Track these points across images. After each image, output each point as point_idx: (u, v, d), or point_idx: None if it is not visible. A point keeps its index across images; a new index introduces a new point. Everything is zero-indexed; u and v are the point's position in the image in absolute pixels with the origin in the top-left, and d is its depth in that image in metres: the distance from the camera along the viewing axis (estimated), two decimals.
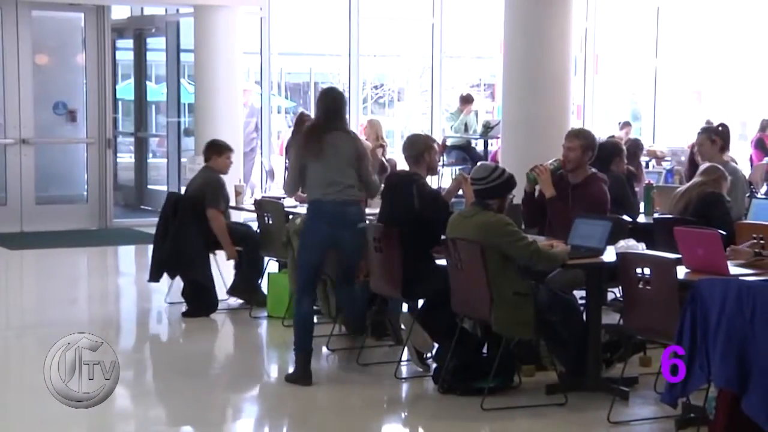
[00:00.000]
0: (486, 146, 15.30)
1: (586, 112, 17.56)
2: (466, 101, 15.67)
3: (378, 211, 7.37)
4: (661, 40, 18.19)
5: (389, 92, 23.02)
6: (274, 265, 9.24)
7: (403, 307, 7.57)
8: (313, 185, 6.89)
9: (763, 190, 11.78)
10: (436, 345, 6.84)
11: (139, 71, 16.58)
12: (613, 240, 6.60)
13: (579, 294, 7.11)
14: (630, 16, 18.84)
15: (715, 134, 8.61)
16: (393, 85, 22.98)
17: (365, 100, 20.14)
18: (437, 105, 16.68)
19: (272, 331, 8.49)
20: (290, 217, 8.48)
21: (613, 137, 11.77)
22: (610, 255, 6.45)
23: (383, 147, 12.32)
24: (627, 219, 7.79)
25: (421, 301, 7.13)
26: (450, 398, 6.48)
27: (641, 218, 8.32)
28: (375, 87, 22.42)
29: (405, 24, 18.38)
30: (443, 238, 6.58)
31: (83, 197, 14.49)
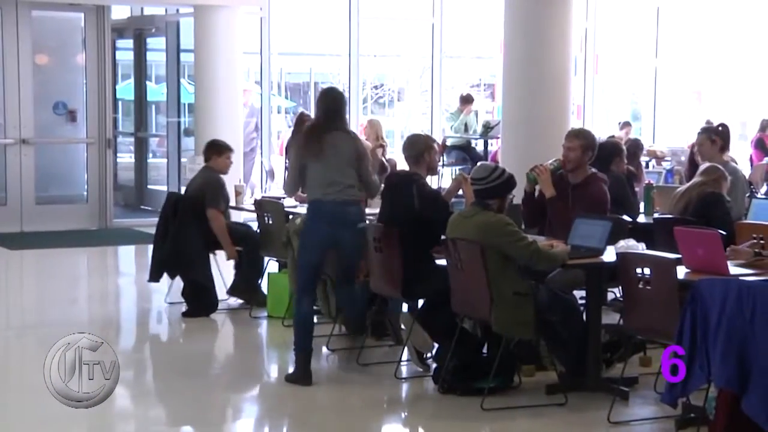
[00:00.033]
0: (486, 146, 15.30)
1: (586, 112, 17.56)
2: (466, 101, 15.67)
3: (378, 211, 7.37)
4: (661, 40, 18.19)
5: (389, 92, 23.03)
6: (274, 265, 9.25)
7: (403, 307, 7.57)
8: (313, 185, 6.89)
9: (763, 190, 11.78)
10: (436, 345, 6.84)
11: (139, 71, 16.58)
12: (613, 240, 6.60)
13: (579, 294, 7.11)
14: (630, 16, 18.84)
15: (715, 134, 8.61)
16: (393, 85, 22.99)
17: (365, 100, 20.14)
18: (437, 105, 16.68)
19: (272, 331, 8.49)
20: (290, 217, 8.48)
21: (613, 137, 11.77)
22: (610, 255, 6.45)
23: (383, 147, 12.32)
24: (627, 219, 7.79)
25: (421, 301, 7.13)
26: (450, 398, 6.48)
27: (641, 218, 8.32)
28: (375, 87, 22.42)
29: (405, 24, 18.38)
30: (443, 238, 6.58)
31: (83, 197, 14.49)
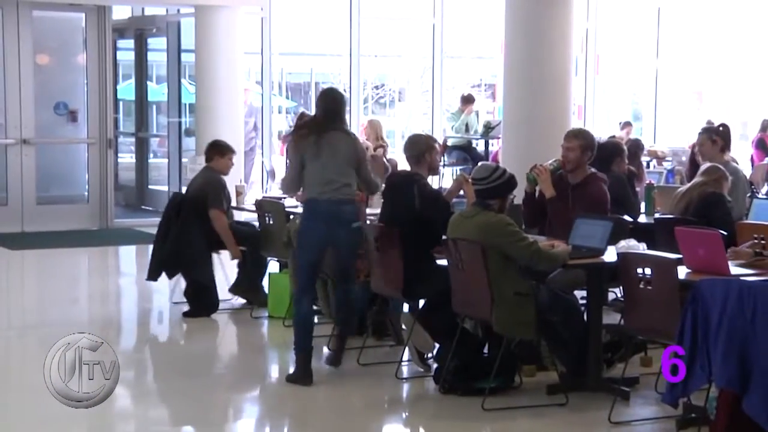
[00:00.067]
0: (487, 146, 15.29)
1: (587, 113, 17.56)
2: (467, 101, 15.67)
3: (379, 211, 7.37)
4: (662, 41, 18.18)
5: (390, 92, 23.03)
6: (274, 266, 9.24)
7: (404, 308, 7.57)
8: (310, 184, 6.90)
9: (764, 190, 11.77)
10: (437, 345, 6.84)
11: (140, 71, 16.58)
12: (614, 240, 6.60)
13: (580, 294, 7.11)
14: (631, 17, 18.84)
15: (715, 134, 8.61)
16: (394, 85, 22.99)
17: (366, 101, 20.14)
18: (438, 105, 16.67)
19: (273, 331, 8.49)
20: (291, 217, 8.48)
21: (614, 137, 11.76)
22: (610, 255, 6.45)
23: (383, 147, 12.32)
24: (628, 219, 7.78)
25: (422, 302, 7.13)
26: (451, 398, 6.48)
27: (642, 218, 8.31)
28: (376, 87, 22.42)
29: (406, 24, 18.38)
30: (444, 238, 6.58)
31: (84, 197, 14.50)
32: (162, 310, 9.56)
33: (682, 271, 5.88)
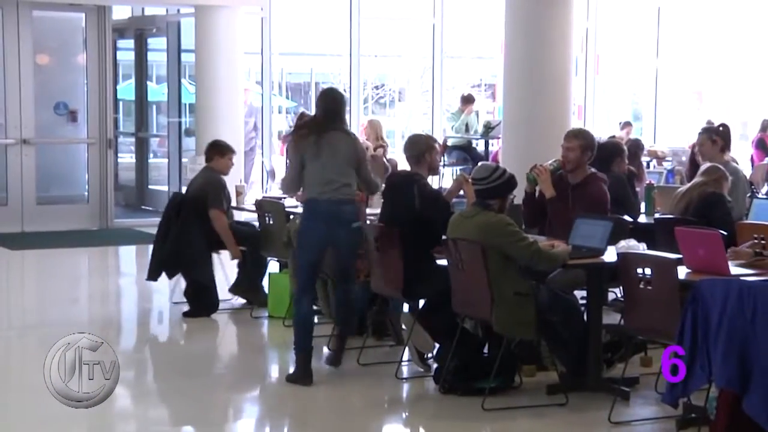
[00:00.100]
0: (487, 146, 15.29)
1: (587, 113, 17.55)
2: (467, 101, 15.67)
3: (379, 211, 7.37)
4: (662, 41, 18.18)
5: (390, 92, 23.03)
6: (274, 266, 9.24)
7: (404, 308, 7.57)
8: (310, 184, 6.90)
9: (764, 190, 11.77)
10: (437, 345, 6.84)
11: (140, 71, 16.58)
12: (614, 240, 6.60)
13: (580, 294, 7.11)
14: (631, 17, 18.84)
15: (715, 134, 8.60)
16: (394, 85, 22.99)
17: (366, 101, 20.14)
18: (438, 105, 16.67)
19: (273, 331, 8.49)
20: (291, 217, 8.48)
21: (614, 137, 11.76)
22: (610, 255, 6.44)
23: (383, 147, 12.32)
24: (628, 219, 7.78)
25: (422, 302, 7.13)
26: (451, 398, 6.48)
27: (642, 218, 8.31)
28: (376, 87, 22.42)
29: (406, 24, 18.37)
30: (444, 238, 6.58)
31: (84, 197, 14.50)
32: (162, 310, 9.56)
33: (682, 271, 5.87)
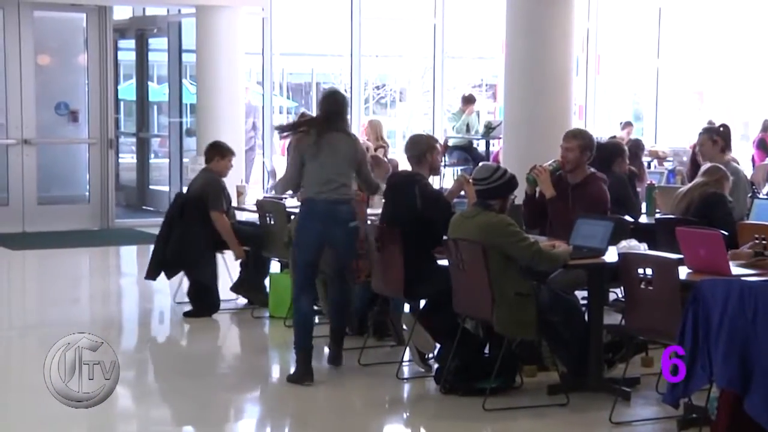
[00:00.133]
0: (488, 147, 15.29)
1: (587, 113, 17.55)
2: (467, 102, 15.66)
3: (380, 211, 7.37)
4: (663, 41, 18.18)
5: (391, 92, 23.03)
6: (275, 266, 9.24)
7: (404, 308, 7.57)
8: (309, 183, 6.91)
9: (765, 190, 11.75)
10: (438, 345, 6.84)
11: (141, 72, 16.58)
12: (615, 240, 6.59)
13: (581, 294, 7.11)
14: (632, 17, 18.84)
15: (716, 134, 8.60)
16: (395, 85, 23.00)
17: (367, 101, 20.14)
18: (439, 105, 16.67)
19: (274, 331, 8.49)
20: (292, 217, 8.48)
21: (615, 137, 11.76)
22: (611, 255, 6.44)
23: (384, 148, 12.32)
24: (629, 219, 7.78)
25: (423, 302, 7.13)
26: (452, 399, 6.47)
27: (643, 218, 8.31)
28: (377, 87, 22.43)
29: (407, 24, 18.37)
30: (445, 238, 6.58)
31: (85, 197, 14.51)
32: (163, 310, 9.56)
33: (683, 272, 5.87)
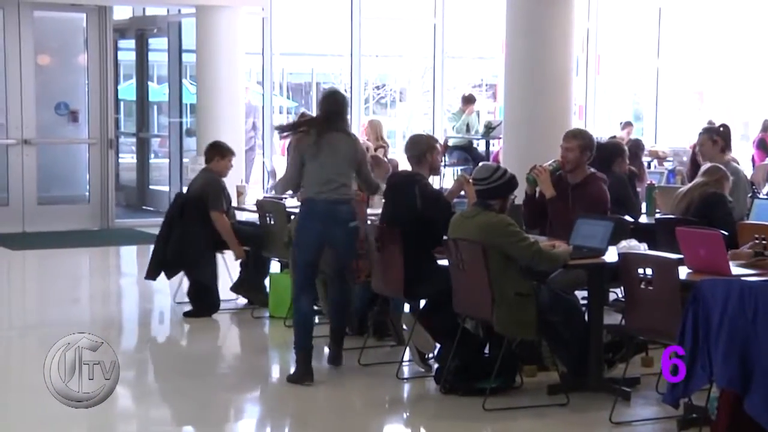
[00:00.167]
0: (488, 146, 15.29)
1: (587, 113, 17.55)
2: (467, 101, 15.66)
3: (380, 211, 7.37)
4: (663, 41, 18.18)
5: (391, 92, 23.03)
6: (275, 266, 9.24)
7: (404, 308, 7.57)
8: (309, 183, 6.92)
9: (765, 190, 11.75)
10: (438, 345, 6.84)
11: (141, 72, 16.58)
12: (615, 240, 6.59)
13: (581, 294, 7.11)
14: (632, 17, 18.84)
15: (716, 134, 8.60)
16: (395, 85, 22.99)
17: (367, 101, 20.14)
18: (439, 105, 16.67)
19: (274, 331, 8.49)
20: (292, 217, 8.48)
21: (615, 137, 11.76)
22: (611, 255, 6.44)
23: (384, 148, 12.32)
24: (629, 219, 7.78)
25: (423, 302, 7.13)
26: (452, 398, 6.47)
27: (643, 218, 8.31)
28: (377, 87, 22.42)
29: (407, 24, 18.37)
30: (445, 238, 6.58)
31: (85, 198, 14.51)
32: (163, 310, 9.56)
33: (683, 272, 5.87)
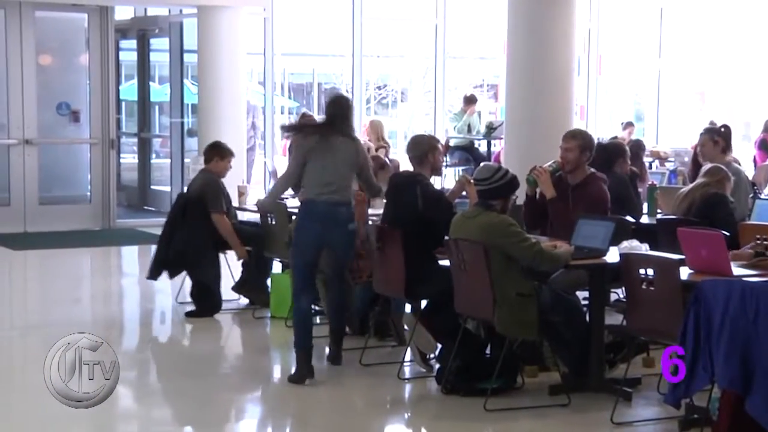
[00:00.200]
0: (489, 147, 15.28)
1: (589, 113, 17.55)
2: (469, 102, 15.66)
3: (382, 211, 7.37)
4: (665, 41, 18.18)
5: (392, 93, 23.00)
6: (277, 266, 9.24)
7: (406, 308, 7.57)
8: (309, 185, 6.92)
9: (767, 190, 11.76)
10: (439, 345, 6.84)
11: (142, 72, 16.58)
12: (616, 241, 6.59)
13: (582, 295, 7.10)
14: (633, 17, 18.84)
15: (717, 135, 8.60)
16: (396, 85, 22.97)
17: (368, 101, 20.13)
18: (440, 106, 16.67)
19: (275, 331, 8.49)
20: (293, 217, 8.47)
21: (616, 138, 11.75)
22: (613, 255, 6.44)
23: (385, 148, 12.32)
24: (630, 220, 7.78)
25: (424, 302, 7.13)
26: (453, 399, 6.47)
27: (644, 219, 8.31)
28: (378, 87, 22.40)
29: (408, 25, 18.36)
30: (446, 238, 6.58)
31: (86, 198, 14.51)
32: (164, 310, 9.56)
33: (685, 272, 5.87)
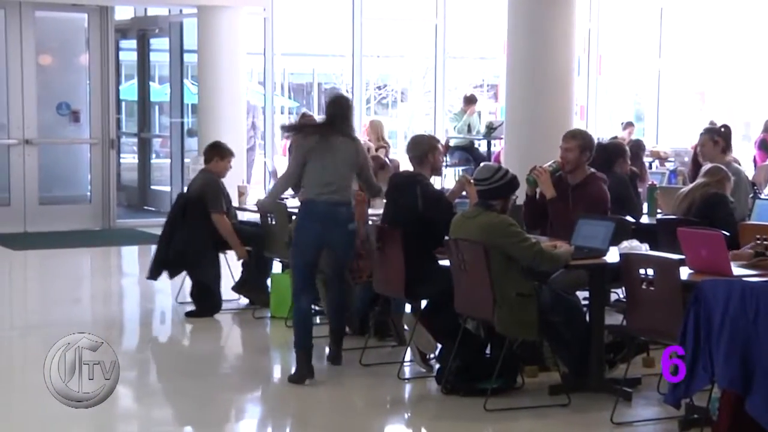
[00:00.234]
0: (489, 147, 15.28)
1: (589, 113, 17.55)
2: (469, 102, 15.66)
3: (381, 211, 7.37)
4: (665, 41, 18.18)
5: (392, 93, 23.00)
6: (277, 266, 9.24)
7: (406, 308, 7.57)
8: (309, 185, 6.92)
9: (767, 190, 11.76)
10: (439, 346, 6.84)
11: (142, 72, 16.58)
12: (616, 241, 6.59)
13: (582, 295, 7.10)
14: (633, 17, 18.84)
15: (717, 135, 8.60)
16: (396, 85, 22.96)
17: (368, 101, 20.13)
18: (440, 106, 16.67)
19: (275, 331, 8.49)
20: (293, 217, 8.47)
21: (616, 138, 11.75)
22: (613, 256, 6.44)
23: (385, 148, 12.32)
24: (630, 220, 7.78)
25: (424, 302, 7.13)
26: (453, 399, 6.47)
27: (644, 219, 8.31)
28: (378, 88, 22.40)
29: (408, 25, 18.37)
30: (446, 238, 6.58)
31: (86, 198, 14.52)
32: (164, 310, 9.56)
33: (685, 272, 5.87)
